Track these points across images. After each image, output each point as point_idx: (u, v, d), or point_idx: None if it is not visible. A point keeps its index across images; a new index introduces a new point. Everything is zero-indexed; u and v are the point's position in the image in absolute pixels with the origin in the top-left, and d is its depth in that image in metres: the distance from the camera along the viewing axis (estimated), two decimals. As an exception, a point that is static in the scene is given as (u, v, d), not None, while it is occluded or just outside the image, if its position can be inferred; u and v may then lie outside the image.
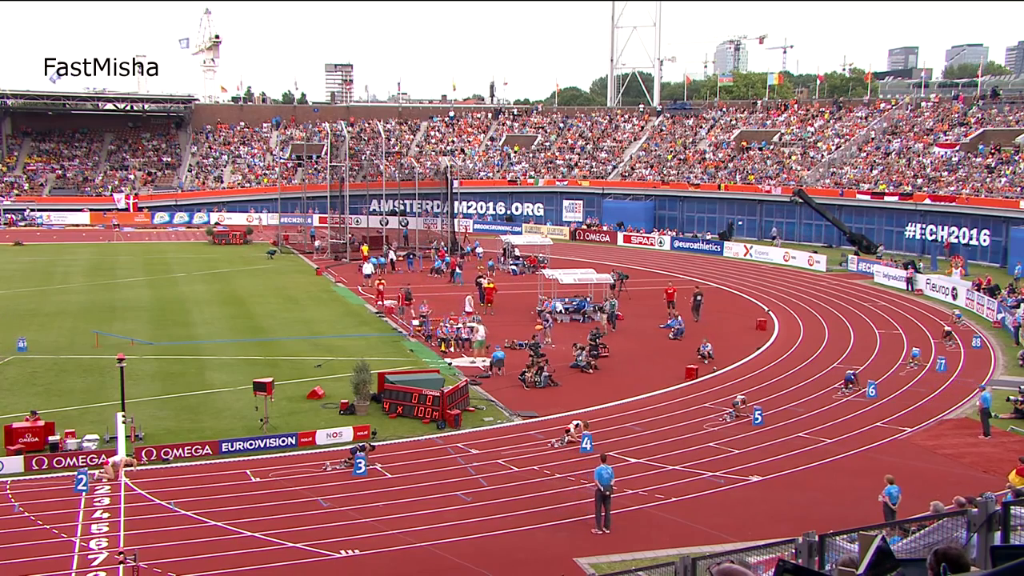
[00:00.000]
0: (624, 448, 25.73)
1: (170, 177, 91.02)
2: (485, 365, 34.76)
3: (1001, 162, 66.36)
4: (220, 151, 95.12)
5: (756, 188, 76.93)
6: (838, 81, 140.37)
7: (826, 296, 51.01)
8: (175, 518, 20.76)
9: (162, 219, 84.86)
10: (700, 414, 29.22)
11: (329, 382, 31.87)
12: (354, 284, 53.64)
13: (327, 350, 37.45)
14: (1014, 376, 33.70)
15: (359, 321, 44.40)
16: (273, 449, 25.33)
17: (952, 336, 39.18)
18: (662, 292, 46.46)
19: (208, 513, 20.87)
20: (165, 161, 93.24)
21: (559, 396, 31.27)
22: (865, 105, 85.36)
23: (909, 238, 67.56)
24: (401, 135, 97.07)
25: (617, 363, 36.19)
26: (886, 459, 24.43)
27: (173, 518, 20.76)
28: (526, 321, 42.27)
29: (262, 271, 59.20)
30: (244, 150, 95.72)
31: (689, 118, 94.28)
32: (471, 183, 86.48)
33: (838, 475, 23.66)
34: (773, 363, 36.09)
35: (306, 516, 20.80)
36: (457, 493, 22.41)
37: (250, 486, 22.82)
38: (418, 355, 37.14)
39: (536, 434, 27.24)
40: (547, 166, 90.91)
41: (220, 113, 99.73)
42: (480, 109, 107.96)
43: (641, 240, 74.84)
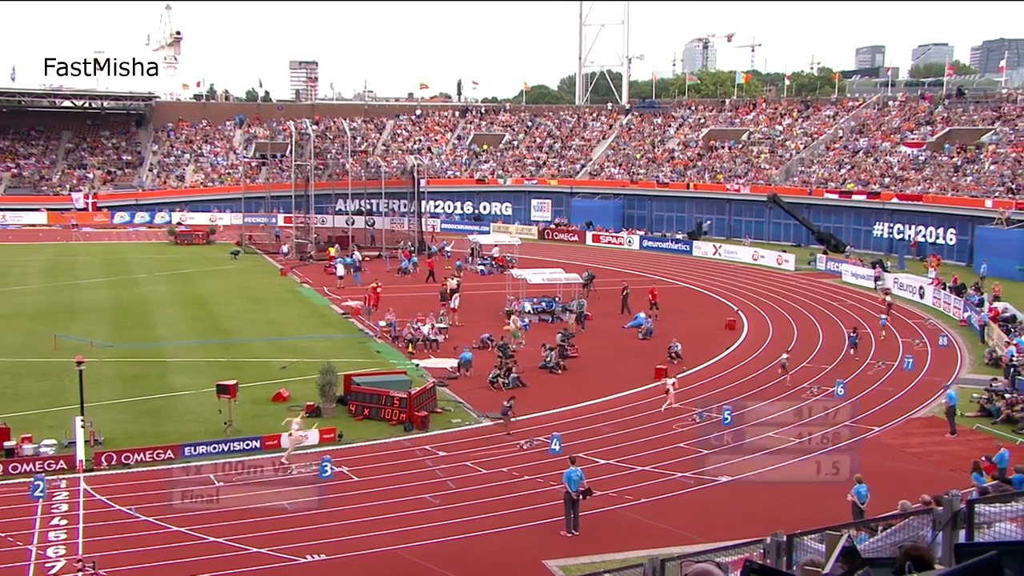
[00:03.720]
0: (593, 449, 25.82)
1: (130, 176, 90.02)
2: (452, 366, 34.73)
3: (967, 161, 67.34)
4: (182, 150, 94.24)
5: (724, 187, 77.49)
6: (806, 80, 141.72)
7: (795, 295, 51.49)
8: (136, 524, 20.55)
9: (122, 219, 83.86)
10: (669, 414, 29.37)
11: (294, 384, 31.69)
12: (320, 285, 53.38)
13: (292, 352, 37.23)
14: (980, 374, 34.22)
15: (325, 322, 44.19)
16: (237, 452, 25.13)
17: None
18: (646, 293, 46.64)
19: (171, 519, 20.67)
20: (125, 160, 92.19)
21: (528, 397, 31.29)
22: (833, 104, 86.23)
23: (877, 237, 68.34)
24: (367, 134, 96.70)
25: (586, 363, 36.29)
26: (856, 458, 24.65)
27: (134, 524, 20.55)
28: (495, 322, 42.27)
29: (225, 272, 58.74)
30: (207, 148, 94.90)
31: (657, 117, 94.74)
32: (438, 182, 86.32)
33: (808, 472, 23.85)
34: (743, 362, 36.38)
35: (271, 520, 20.66)
36: (425, 496, 22.38)
37: (214, 491, 22.56)
38: (385, 356, 37.04)
39: (505, 436, 27.25)
40: (515, 165, 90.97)
41: (182, 111, 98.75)
42: (447, 107, 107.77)
43: (610, 240, 75.09)
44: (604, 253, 69.78)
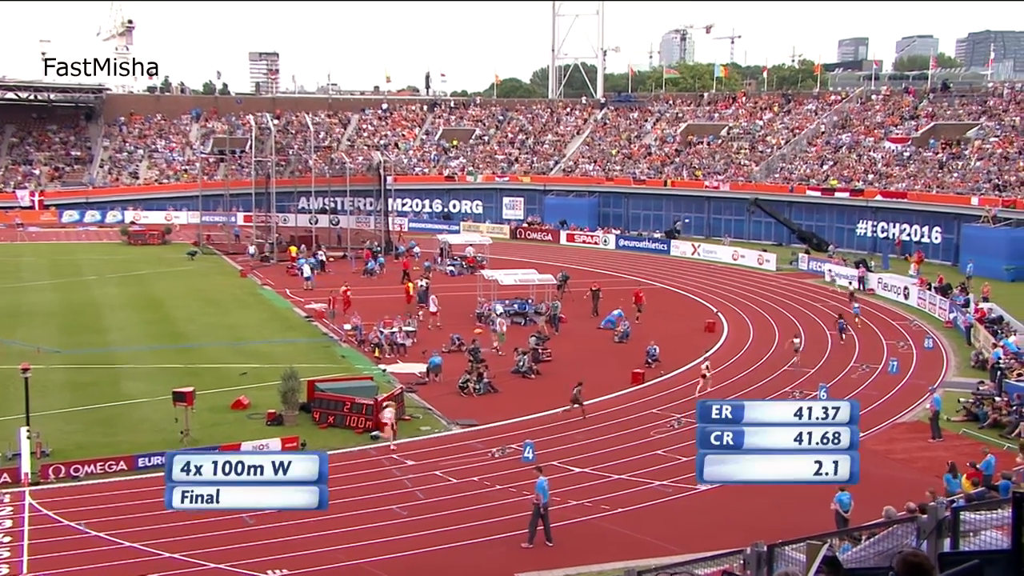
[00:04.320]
0: (568, 457, 25.88)
1: (80, 172, 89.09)
2: (421, 371, 34.68)
3: (952, 157, 68.10)
4: (135, 145, 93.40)
5: (703, 184, 77.91)
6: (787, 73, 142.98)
7: (776, 296, 51.85)
8: (86, 540, 20.34)
9: (71, 218, 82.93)
10: (647, 420, 29.49)
11: (255, 391, 31.53)
12: (282, 287, 53.12)
13: (253, 357, 37.04)
14: (966, 377, 34.61)
15: (287, 326, 44.00)
16: (194, 464, 24.87)
17: (846, 328, 40.78)
18: (630, 294, 46.76)
19: (123, 534, 20.49)
20: (74, 155, 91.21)
21: (499, 403, 31.32)
22: (815, 98, 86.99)
23: (860, 235, 68.95)
24: (331, 128, 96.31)
25: (560, 368, 36.36)
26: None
27: (83, 540, 20.33)
28: (465, 324, 42.25)
29: (182, 273, 58.27)
30: (161, 144, 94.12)
31: (634, 111, 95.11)
32: (406, 179, 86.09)
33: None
34: (722, 366, 36.57)
35: (230, 535, 20.52)
36: (392, 507, 22.33)
37: (169, 504, 22.42)
38: (350, 361, 36.94)
39: (476, 443, 27.26)
40: (486, 161, 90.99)
41: (134, 104, 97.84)
42: (415, 101, 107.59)
43: (585, 239, 75.28)
44: (579, 253, 69.92)
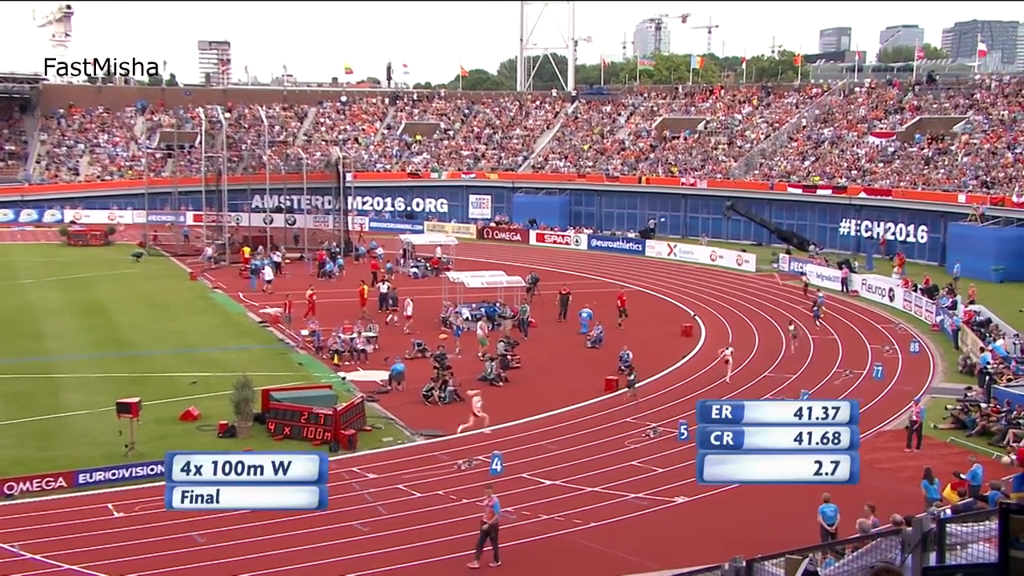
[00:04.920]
0: (538, 468, 25.90)
1: (15, 169, 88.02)
2: (383, 380, 34.60)
3: (938, 152, 68.90)
4: (75, 139, 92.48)
5: (679, 181, 78.30)
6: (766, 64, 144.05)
7: (756, 298, 52.20)
8: (21, 563, 20.07)
9: (5, 217, 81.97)
10: (621, 430, 29.59)
11: (205, 401, 31.32)
12: (234, 290, 52.79)
13: (203, 365, 36.82)
14: (953, 383, 35.00)
15: (240, 332, 43.77)
16: (140, 479, 24.70)
17: (796, 329, 41.56)
18: (606, 298, 46.89)
19: (62, 556, 20.25)
20: (8, 150, 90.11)
21: (466, 413, 31.27)
22: (796, 91, 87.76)
23: (843, 235, 69.56)
24: (286, 122, 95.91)
25: (530, 374, 36.43)
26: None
27: (18, 563, 20.06)
28: (429, 329, 42.19)
29: (126, 276, 57.82)
30: (104, 138, 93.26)
31: (606, 104, 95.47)
32: (366, 176, 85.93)
33: (771, 493, 24.20)
34: (700, 372, 36.77)
35: (178, 555, 20.35)
36: (353, 523, 22.24)
37: (112, 522, 22.23)
38: (308, 369, 36.80)
39: (441, 455, 27.22)
40: (451, 157, 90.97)
41: (74, 95, 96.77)
42: (376, 93, 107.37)
43: (555, 239, 75.45)
44: (549, 254, 70.06)
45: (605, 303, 47.03)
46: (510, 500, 23.19)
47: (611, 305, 45.91)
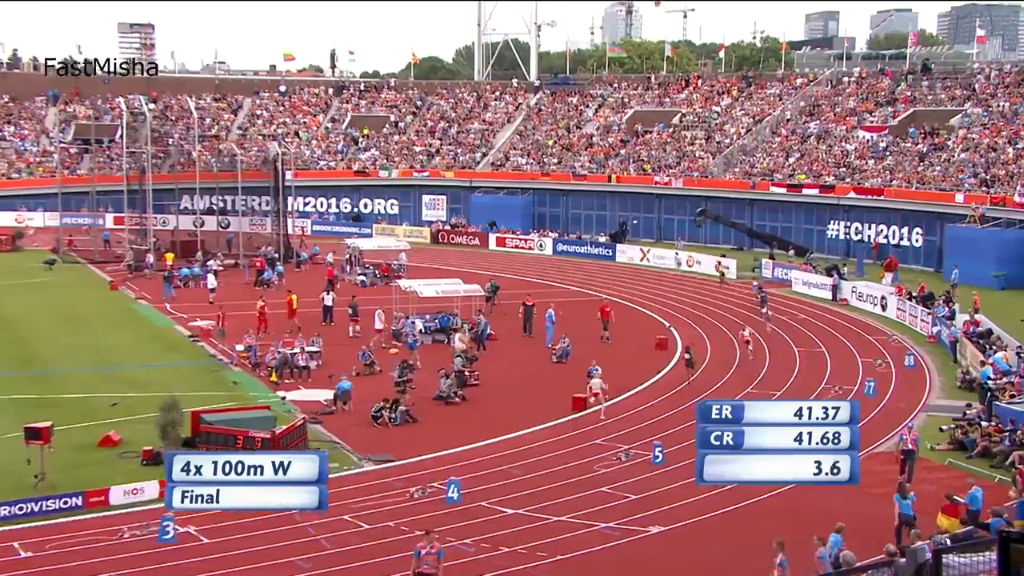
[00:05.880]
0: (499, 496, 25.88)
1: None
2: (327, 399, 34.45)
3: (934, 148, 69.67)
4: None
5: (653, 180, 78.70)
6: (747, 52, 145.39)
7: (737, 308, 52.48)
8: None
9: None
10: (590, 453, 29.63)
11: (127, 425, 31.04)
12: (161, 301, 52.37)
13: (125, 384, 36.53)
14: (952, 399, 35.37)
15: (167, 347, 43.48)
16: (52, 514, 24.41)
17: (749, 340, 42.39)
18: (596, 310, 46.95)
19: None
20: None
21: (419, 435, 31.24)
22: (779, 80, 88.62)
23: (831, 238, 70.21)
24: (219, 114, 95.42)
25: (490, 392, 36.41)
26: (811, 499, 25.24)
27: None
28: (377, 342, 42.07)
29: (38, 286, 57.27)
30: (10, 131, 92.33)
31: (573, 95, 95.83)
32: (308, 174, 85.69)
33: (753, 522, 24.35)
34: (676, 389, 36.91)
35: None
36: (293, 559, 22.12)
37: (19, 564, 21.95)
38: (243, 388, 36.60)
39: (392, 482, 27.13)
40: (402, 154, 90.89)
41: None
42: (319, 83, 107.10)
43: (518, 243, 75.60)
44: (511, 259, 70.17)
45: (580, 314, 47.09)
46: (468, 531, 23.21)
47: (589, 317, 46.03)
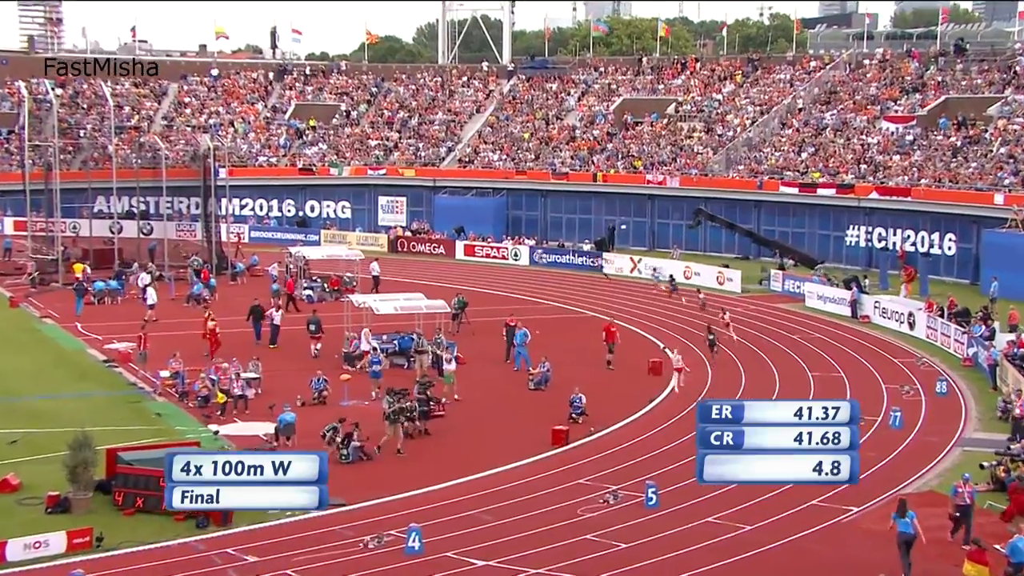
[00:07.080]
0: (467, 546, 25.75)
1: None
2: (268, 434, 34.25)
3: (969, 141, 69.90)
4: None
5: (644, 179, 78.83)
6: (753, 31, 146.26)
7: (741, 326, 52.49)
8: None
9: None
10: (573, 494, 29.55)
11: (29, 465, 30.79)
12: (70, 320, 52.03)
13: (27, 418, 36.19)
14: (991, 432, 35.37)
15: (78, 373, 43.15)
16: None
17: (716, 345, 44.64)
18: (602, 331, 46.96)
19: None
20: None
21: (376, 474, 31.08)
22: (790, 64, 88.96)
23: (851, 246, 70.45)
24: (139, 102, 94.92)
25: (457, 424, 36.26)
26: (826, 550, 25.26)
27: None
28: (328, 368, 41.87)
29: (-73, 302, 56.82)
30: None
31: (552, 81, 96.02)
32: (245, 172, 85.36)
33: (762, 573, 24.33)
34: (672, 420, 36.88)
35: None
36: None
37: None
38: (168, 421, 36.34)
39: (342, 530, 26.98)
40: (355, 148, 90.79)
41: None
42: (257, 66, 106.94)
43: (489, 252, 75.57)
44: (481, 271, 70.19)
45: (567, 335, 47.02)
46: (432, 587, 23.06)
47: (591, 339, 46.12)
